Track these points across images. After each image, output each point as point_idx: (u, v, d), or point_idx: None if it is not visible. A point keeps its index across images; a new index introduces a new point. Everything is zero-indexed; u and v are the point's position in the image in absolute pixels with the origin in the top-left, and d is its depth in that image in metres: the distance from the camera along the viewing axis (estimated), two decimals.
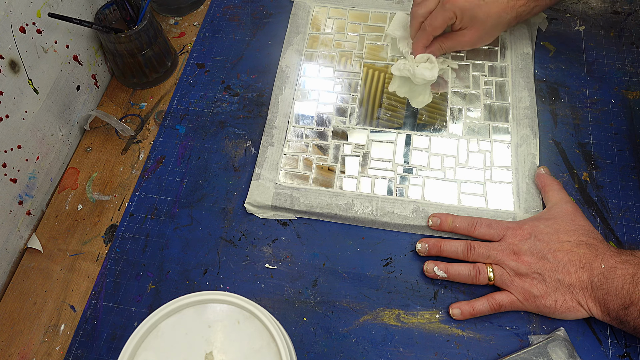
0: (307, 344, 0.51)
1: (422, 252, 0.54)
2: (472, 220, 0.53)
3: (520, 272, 0.49)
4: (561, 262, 0.48)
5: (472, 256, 0.51)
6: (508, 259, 0.50)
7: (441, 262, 0.52)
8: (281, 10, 0.73)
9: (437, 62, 0.62)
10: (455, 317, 0.50)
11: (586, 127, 0.61)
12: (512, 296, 0.49)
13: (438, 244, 0.53)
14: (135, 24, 0.62)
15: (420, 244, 0.54)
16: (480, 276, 0.50)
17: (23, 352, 0.52)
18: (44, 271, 0.56)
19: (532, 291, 0.48)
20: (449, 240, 0.53)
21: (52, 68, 0.59)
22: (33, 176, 0.58)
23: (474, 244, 0.51)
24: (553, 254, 0.48)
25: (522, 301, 0.49)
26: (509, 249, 0.50)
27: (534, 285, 0.48)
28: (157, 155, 0.63)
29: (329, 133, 0.62)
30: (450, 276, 0.52)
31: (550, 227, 0.50)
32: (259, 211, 0.58)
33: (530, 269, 0.49)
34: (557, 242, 0.49)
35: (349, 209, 0.56)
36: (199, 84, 0.68)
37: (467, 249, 0.51)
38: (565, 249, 0.48)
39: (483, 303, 0.50)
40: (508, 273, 0.50)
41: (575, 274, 0.47)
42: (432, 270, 0.52)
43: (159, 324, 0.40)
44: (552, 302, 0.48)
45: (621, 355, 0.49)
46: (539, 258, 0.49)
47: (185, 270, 0.55)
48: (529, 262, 0.49)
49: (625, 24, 0.68)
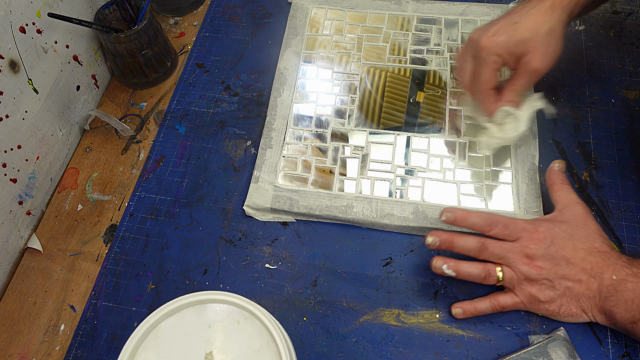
0: (307, 344, 0.51)
1: (431, 246, 0.50)
2: (489, 219, 0.50)
3: (531, 278, 0.48)
4: (573, 270, 0.47)
5: (484, 255, 0.49)
6: (520, 262, 0.48)
7: (451, 260, 0.49)
8: (281, 10, 0.73)
9: (523, 109, 0.54)
10: (457, 316, 0.50)
11: (586, 127, 0.61)
12: (516, 298, 0.49)
13: (450, 239, 0.50)
14: (135, 24, 0.62)
15: (431, 237, 0.50)
16: (489, 278, 0.49)
17: (23, 352, 0.52)
18: (44, 271, 0.56)
19: (538, 297, 0.48)
20: (463, 235, 0.50)
21: (52, 68, 0.59)
22: (33, 176, 0.58)
23: (487, 243, 0.49)
24: (566, 261, 0.47)
25: (525, 304, 0.49)
26: (523, 252, 0.48)
27: (542, 291, 0.48)
28: (157, 155, 0.63)
29: (327, 135, 0.62)
30: (459, 275, 0.49)
31: (565, 232, 0.48)
32: (258, 214, 0.58)
33: (541, 275, 0.47)
34: (571, 249, 0.48)
35: (349, 211, 0.56)
36: (199, 84, 0.68)
37: (480, 248, 0.49)
38: (578, 257, 0.47)
39: (485, 304, 0.50)
40: (518, 276, 0.48)
41: (585, 283, 0.47)
42: (440, 268, 0.49)
43: (159, 324, 0.40)
44: (556, 308, 0.48)
45: (621, 355, 0.49)
46: (552, 264, 0.47)
47: (185, 270, 0.55)
48: (541, 268, 0.47)
49: (625, 24, 0.68)
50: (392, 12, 0.71)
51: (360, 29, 0.70)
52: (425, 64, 0.66)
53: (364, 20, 0.70)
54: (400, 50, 0.68)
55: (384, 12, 0.71)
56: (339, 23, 0.70)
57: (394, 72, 0.66)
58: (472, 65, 0.53)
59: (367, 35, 0.69)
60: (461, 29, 0.68)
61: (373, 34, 0.69)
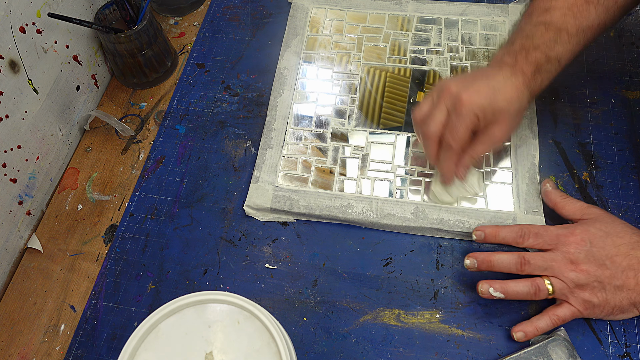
0: (307, 344, 0.51)
1: (471, 268, 0.50)
2: (520, 231, 0.49)
3: (580, 283, 0.46)
4: (620, 267, 0.46)
5: (527, 270, 0.48)
6: (567, 270, 0.47)
7: (496, 282, 0.48)
8: (281, 10, 0.73)
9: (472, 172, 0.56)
10: (519, 340, 0.48)
11: (586, 127, 0.61)
12: (572, 308, 0.47)
13: (488, 259, 0.49)
14: (135, 24, 0.62)
15: (469, 259, 0.50)
16: (540, 293, 0.47)
17: (23, 352, 0.52)
18: (44, 271, 0.56)
19: (592, 301, 0.47)
20: (499, 253, 0.49)
21: (52, 68, 0.59)
22: (33, 176, 0.58)
23: (527, 256, 0.48)
24: (611, 260, 0.46)
25: (582, 311, 0.47)
26: (566, 258, 0.47)
27: (595, 294, 0.47)
28: (157, 155, 0.63)
29: (328, 135, 0.62)
30: (508, 296, 0.48)
31: (600, 231, 0.48)
32: (258, 214, 0.58)
33: (589, 278, 0.46)
34: (612, 247, 0.47)
35: (349, 211, 0.56)
36: (199, 84, 0.68)
37: (521, 263, 0.48)
38: (622, 253, 0.46)
39: (545, 321, 0.48)
40: (568, 285, 0.47)
41: (634, 278, 0.46)
42: (487, 292, 0.48)
43: (159, 324, 0.40)
44: (610, 309, 0.47)
45: (621, 355, 0.49)
46: (598, 265, 0.46)
47: (185, 270, 0.55)
48: (587, 271, 0.46)
49: (625, 24, 0.68)
50: (392, 12, 0.71)
51: (361, 29, 0.70)
52: (425, 64, 0.66)
53: (364, 20, 0.70)
54: (401, 50, 0.68)
55: (384, 12, 0.71)
56: (339, 23, 0.70)
57: (393, 72, 0.66)
58: (445, 117, 0.50)
59: (367, 35, 0.69)
60: (461, 29, 0.68)
61: (373, 34, 0.69)
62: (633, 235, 0.48)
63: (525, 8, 0.55)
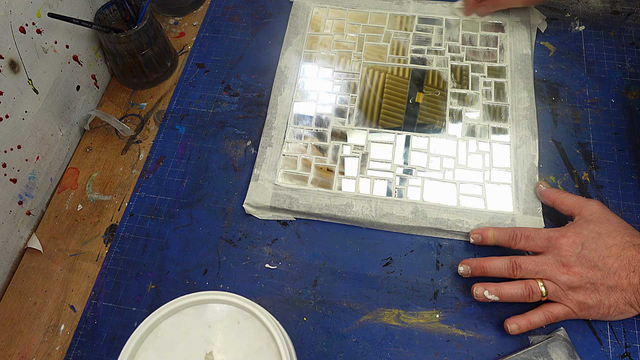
0: (307, 344, 0.51)
1: (464, 275, 0.52)
2: (512, 233, 0.51)
3: (573, 285, 0.47)
4: (612, 269, 0.47)
5: (519, 274, 0.49)
6: (558, 272, 0.48)
7: (491, 285, 0.49)
8: (281, 10, 0.73)
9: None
10: (512, 332, 0.49)
11: (586, 127, 0.61)
12: (567, 308, 0.48)
13: (480, 265, 0.50)
14: (135, 24, 0.62)
15: (462, 267, 0.51)
16: (534, 295, 0.48)
17: (23, 352, 0.52)
18: (44, 271, 0.56)
19: (586, 302, 0.47)
20: (492, 258, 0.50)
21: (52, 68, 0.59)
22: (33, 176, 0.58)
23: (519, 260, 0.49)
24: (603, 261, 0.47)
25: (576, 312, 0.48)
26: (558, 261, 0.48)
27: (588, 295, 0.47)
28: (157, 155, 0.63)
29: (328, 134, 0.62)
30: (502, 299, 0.49)
31: (593, 232, 0.48)
32: (258, 212, 0.58)
33: (582, 280, 0.47)
34: (604, 248, 0.47)
35: (348, 210, 0.56)
36: (199, 84, 0.68)
37: (512, 267, 0.49)
38: (614, 254, 0.47)
39: (539, 316, 0.48)
40: (561, 288, 0.48)
41: (627, 279, 0.46)
42: (482, 295, 0.49)
43: (159, 324, 0.40)
44: (606, 309, 0.47)
45: (621, 355, 0.49)
46: (590, 267, 0.47)
47: (185, 270, 0.55)
48: (579, 273, 0.47)
49: (625, 24, 0.68)
50: (393, 11, 0.71)
51: (361, 28, 0.70)
52: (426, 64, 0.66)
53: (365, 19, 0.70)
54: (401, 49, 0.68)
55: (385, 11, 0.71)
56: (340, 22, 0.70)
57: (392, 73, 0.66)
58: None
59: (368, 35, 0.69)
60: (462, 29, 0.68)
61: (374, 33, 0.69)
62: (625, 235, 0.48)
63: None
